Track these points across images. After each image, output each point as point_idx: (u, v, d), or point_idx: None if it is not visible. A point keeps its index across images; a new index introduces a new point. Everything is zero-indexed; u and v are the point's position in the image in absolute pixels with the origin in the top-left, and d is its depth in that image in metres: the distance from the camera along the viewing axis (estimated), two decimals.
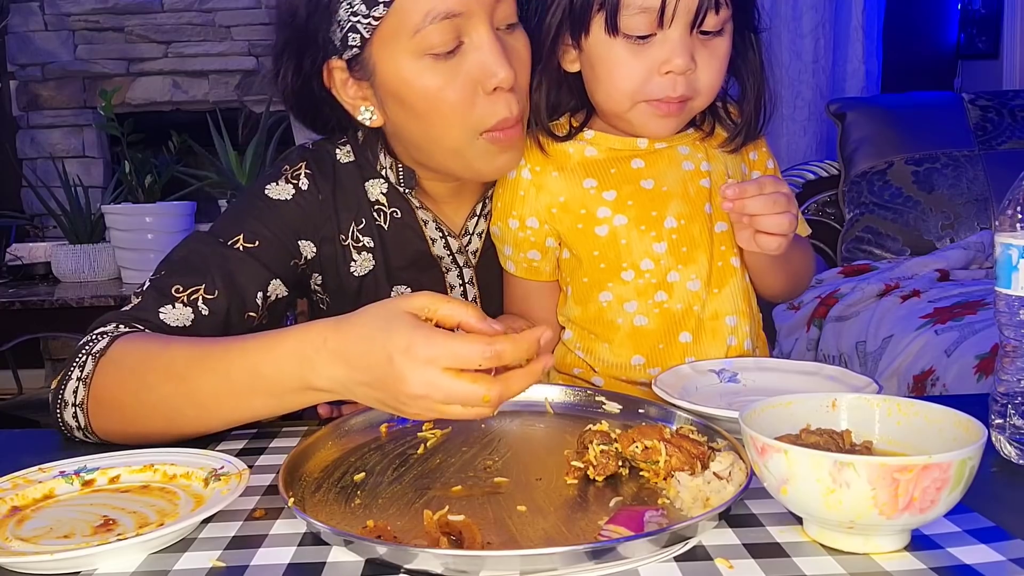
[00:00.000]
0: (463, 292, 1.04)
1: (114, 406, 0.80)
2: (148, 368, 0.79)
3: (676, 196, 0.95)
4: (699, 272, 0.95)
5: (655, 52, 0.87)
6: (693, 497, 0.63)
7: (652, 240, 0.94)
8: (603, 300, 0.96)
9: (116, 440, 0.81)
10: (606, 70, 0.90)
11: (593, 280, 0.96)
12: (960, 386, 1.62)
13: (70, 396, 0.81)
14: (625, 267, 0.95)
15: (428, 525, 0.58)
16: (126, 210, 2.65)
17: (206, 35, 3.78)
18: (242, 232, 0.94)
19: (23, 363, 2.86)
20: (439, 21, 0.83)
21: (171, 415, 0.78)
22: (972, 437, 0.56)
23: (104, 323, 0.86)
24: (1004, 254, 0.69)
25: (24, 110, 3.82)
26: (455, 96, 0.87)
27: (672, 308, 0.95)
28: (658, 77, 0.88)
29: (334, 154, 1.01)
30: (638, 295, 0.95)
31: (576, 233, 0.96)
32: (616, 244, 0.95)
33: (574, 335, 0.99)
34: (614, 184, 0.95)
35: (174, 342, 0.80)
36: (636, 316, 0.95)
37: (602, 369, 0.97)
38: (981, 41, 3.21)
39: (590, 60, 0.92)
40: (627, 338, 0.96)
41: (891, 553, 0.55)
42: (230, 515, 0.64)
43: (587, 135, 0.97)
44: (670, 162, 0.96)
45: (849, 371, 0.86)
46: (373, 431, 0.79)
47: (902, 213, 2.44)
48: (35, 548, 0.59)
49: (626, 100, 0.91)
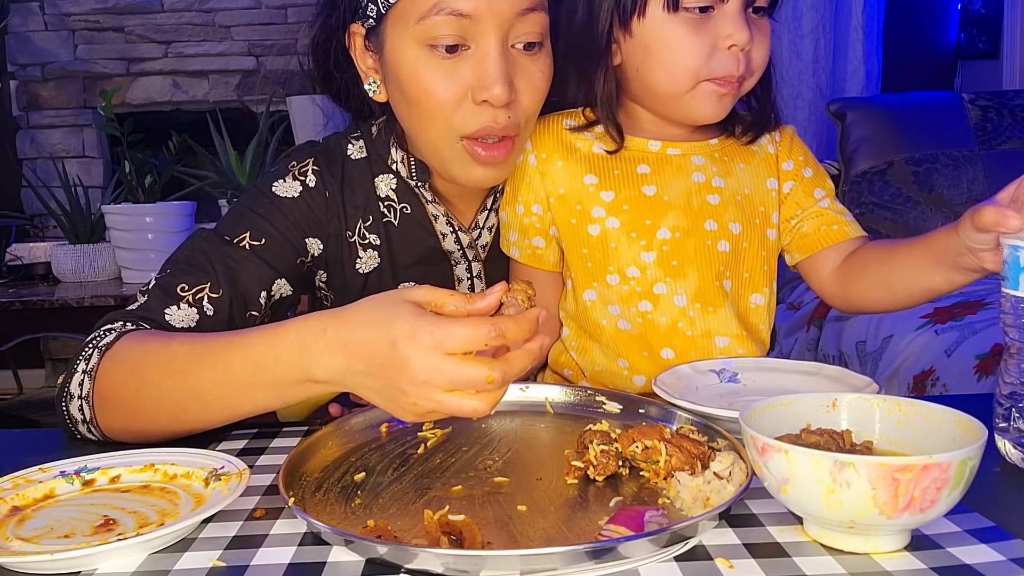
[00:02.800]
0: (471, 286, 1.05)
1: (117, 402, 0.80)
2: (149, 364, 0.79)
3: (676, 207, 0.94)
4: (687, 288, 0.93)
5: (716, 27, 0.87)
6: (693, 497, 0.63)
7: (641, 248, 0.93)
8: (587, 299, 0.96)
9: (119, 437, 0.82)
10: (667, 49, 0.88)
11: (579, 277, 0.96)
12: (960, 386, 1.61)
13: (76, 389, 0.82)
14: (611, 270, 0.94)
15: (428, 525, 0.58)
16: (126, 210, 2.64)
17: (206, 35, 3.78)
18: (248, 230, 0.93)
19: (23, 363, 2.86)
20: (445, 15, 0.83)
21: (173, 411, 0.78)
22: (972, 437, 0.56)
23: (110, 321, 0.87)
24: (1012, 256, 0.68)
25: (24, 110, 3.82)
26: (444, 95, 0.86)
27: (656, 320, 0.94)
28: (720, 53, 0.87)
29: (345, 149, 1.01)
30: (621, 301, 0.94)
31: (569, 227, 0.96)
32: (605, 246, 0.94)
33: (570, 332, 0.99)
34: (614, 185, 0.94)
35: (175, 338, 0.80)
36: (619, 320, 0.95)
37: (591, 374, 0.97)
38: (981, 41, 3.21)
39: (644, 44, 0.89)
40: (612, 340, 0.96)
41: (891, 553, 0.55)
42: (230, 515, 0.64)
43: (598, 129, 0.96)
44: (678, 171, 0.95)
45: (849, 371, 0.86)
46: (373, 431, 0.79)
47: (902, 213, 2.44)
48: (35, 548, 0.59)
49: (689, 79, 0.88)
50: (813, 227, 0.98)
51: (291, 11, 3.75)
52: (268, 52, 3.78)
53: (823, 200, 0.99)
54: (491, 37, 0.85)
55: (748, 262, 0.96)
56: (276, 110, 3.32)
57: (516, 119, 0.89)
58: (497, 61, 0.85)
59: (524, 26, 0.86)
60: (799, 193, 0.99)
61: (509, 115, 0.87)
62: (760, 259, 0.96)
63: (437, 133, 0.90)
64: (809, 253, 0.98)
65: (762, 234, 0.97)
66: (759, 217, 0.97)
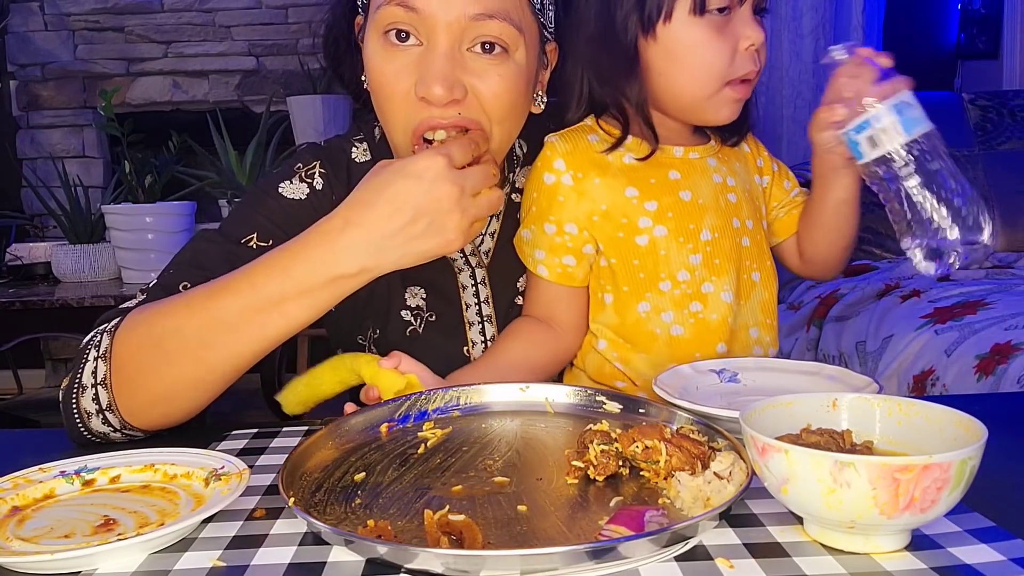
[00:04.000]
0: (475, 291, 1.04)
1: (138, 370, 0.79)
2: (167, 315, 0.79)
3: (710, 209, 0.97)
4: (731, 284, 0.96)
5: (734, 29, 0.89)
6: (693, 497, 0.63)
7: (689, 252, 0.95)
8: (641, 310, 0.96)
9: (141, 417, 0.81)
10: (694, 52, 0.90)
11: (632, 289, 0.96)
12: (960, 386, 1.62)
13: (88, 378, 0.81)
14: (663, 277, 0.95)
15: (428, 525, 0.58)
16: (126, 210, 2.64)
17: (206, 35, 3.78)
18: (255, 231, 0.93)
19: (23, 363, 2.86)
20: (395, 6, 0.85)
21: (200, 352, 0.78)
22: (972, 437, 0.56)
23: (108, 319, 0.86)
24: (849, 139, 0.85)
25: (24, 110, 3.82)
26: (393, 86, 0.87)
27: (707, 318, 0.96)
28: (739, 55, 0.90)
29: (349, 152, 1.01)
30: (674, 305, 0.95)
31: (617, 242, 0.96)
32: (655, 254, 0.95)
33: (608, 344, 0.99)
34: (655, 195, 0.95)
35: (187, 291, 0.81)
36: (672, 326, 0.96)
37: (643, 383, 0.97)
38: (981, 41, 3.22)
39: (668, 48, 0.90)
40: (664, 347, 0.96)
41: (891, 553, 0.55)
42: (230, 515, 0.64)
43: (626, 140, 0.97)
44: (703, 174, 0.98)
45: (849, 371, 0.86)
46: (373, 431, 0.79)
47: None
48: (35, 548, 0.59)
49: (715, 81, 0.90)
50: (788, 214, 1.06)
51: (291, 11, 3.75)
52: (268, 52, 3.78)
53: (794, 191, 1.07)
54: (440, 37, 0.85)
55: (767, 252, 1.03)
56: (276, 110, 3.32)
57: (471, 114, 0.87)
58: (440, 61, 0.84)
59: (479, 29, 0.85)
60: (774, 187, 1.07)
61: (460, 111, 0.86)
62: (767, 251, 1.03)
63: (393, 126, 0.90)
64: (785, 236, 1.07)
65: (764, 228, 1.03)
66: (759, 211, 1.03)
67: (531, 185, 0.99)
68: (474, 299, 1.04)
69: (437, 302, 1.04)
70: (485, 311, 1.04)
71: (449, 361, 0.98)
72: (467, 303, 1.04)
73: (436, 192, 0.76)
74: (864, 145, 0.83)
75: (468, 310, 1.04)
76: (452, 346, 1.04)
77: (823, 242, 1.02)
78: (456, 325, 1.04)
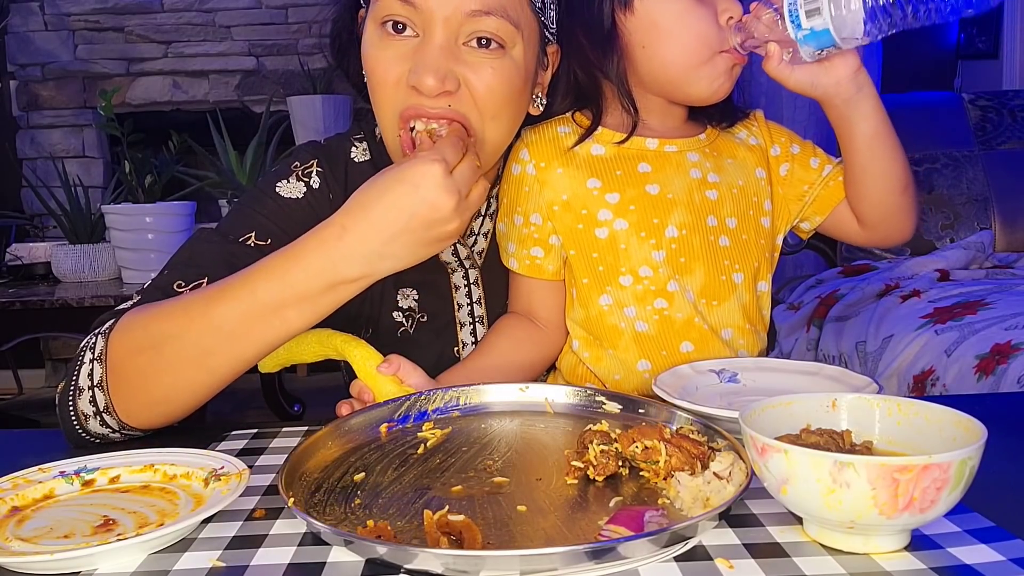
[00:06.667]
0: (468, 292, 1.04)
1: (135, 373, 0.79)
2: (164, 320, 0.79)
3: (680, 204, 0.94)
4: (694, 284, 0.94)
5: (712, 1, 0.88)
6: (693, 497, 0.62)
7: (651, 248, 0.93)
8: (603, 303, 0.96)
9: (139, 418, 0.81)
10: (680, 20, 0.89)
11: (592, 282, 0.96)
12: (960, 386, 1.62)
13: (85, 381, 0.80)
14: (623, 271, 0.94)
15: (428, 525, 0.58)
16: (126, 210, 2.64)
17: (206, 35, 3.78)
18: (254, 230, 0.93)
19: (23, 363, 2.86)
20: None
21: (199, 358, 0.77)
22: (972, 437, 0.56)
23: (103, 322, 0.86)
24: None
25: (24, 110, 3.83)
26: (384, 73, 0.88)
27: (673, 316, 0.94)
28: (723, 28, 0.88)
29: (348, 152, 1.01)
30: (636, 301, 0.95)
31: (576, 233, 0.95)
32: (615, 248, 0.94)
33: (580, 343, 0.98)
34: (618, 187, 0.94)
35: (183, 295, 0.80)
36: (636, 322, 0.95)
37: (613, 386, 0.97)
38: (981, 41, 3.22)
39: (651, 19, 0.90)
40: (631, 343, 0.96)
41: (891, 553, 0.55)
42: (230, 515, 0.64)
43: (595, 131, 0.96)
44: (678, 168, 0.95)
45: (849, 371, 0.86)
46: (373, 431, 0.79)
47: None
48: (35, 548, 0.59)
49: (707, 48, 0.89)
50: (825, 188, 1.01)
51: (291, 11, 3.75)
52: (268, 52, 3.78)
53: (825, 168, 1.02)
54: (436, 30, 0.85)
55: (754, 252, 0.98)
56: (276, 110, 3.32)
57: (461, 108, 0.87)
58: (434, 52, 0.85)
59: (476, 25, 0.86)
60: (798, 171, 1.02)
61: (450, 103, 0.87)
62: (760, 248, 0.99)
63: (384, 112, 0.90)
64: (828, 211, 1.02)
65: (757, 224, 0.99)
66: (753, 208, 0.99)
67: (503, 177, 1.00)
68: (467, 299, 1.04)
69: (429, 303, 1.04)
70: (477, 312, 1.05)
71: (439, 362, 0.99)
72: (459, 303, 1.04)
73: (434, 200, 0.77)
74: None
75: (460, 311, 1.04)
76: (443, 347, 1.04)
77: (873, 190, 0.95)
78: (447, 326, 1.04)
